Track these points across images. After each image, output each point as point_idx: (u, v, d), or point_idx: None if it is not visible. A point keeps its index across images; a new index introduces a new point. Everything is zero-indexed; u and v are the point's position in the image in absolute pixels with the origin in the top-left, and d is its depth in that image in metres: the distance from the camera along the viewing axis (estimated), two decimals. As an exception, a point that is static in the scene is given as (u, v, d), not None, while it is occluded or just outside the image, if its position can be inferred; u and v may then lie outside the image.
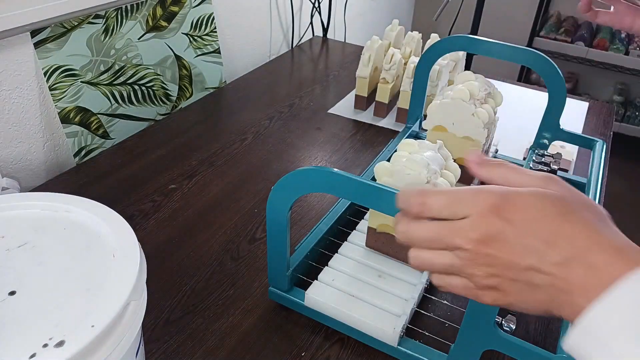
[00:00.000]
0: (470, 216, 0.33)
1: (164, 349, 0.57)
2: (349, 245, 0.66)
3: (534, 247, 0.31)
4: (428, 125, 0.79)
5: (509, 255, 0.32)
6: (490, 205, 0.32)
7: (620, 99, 2.43)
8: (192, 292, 0.64)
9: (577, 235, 0.31)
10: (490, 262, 0.32)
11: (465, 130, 0.76)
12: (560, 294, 0.31)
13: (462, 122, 0.75)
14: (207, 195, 0.81)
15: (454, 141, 0.77)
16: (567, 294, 0.31)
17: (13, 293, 0.37)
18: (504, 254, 0.32)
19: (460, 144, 0.77)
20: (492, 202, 0.32)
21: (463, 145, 0.77)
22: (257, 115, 1.05)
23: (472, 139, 0.76)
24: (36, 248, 0.41)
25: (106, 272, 0.40)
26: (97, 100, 0.92)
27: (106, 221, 0.44)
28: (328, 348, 0.58)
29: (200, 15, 1.09)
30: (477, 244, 0.32)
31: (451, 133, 0.77)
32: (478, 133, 0.75)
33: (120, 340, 0.36)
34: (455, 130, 0.76)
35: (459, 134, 0.76)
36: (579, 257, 0.30)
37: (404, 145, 0.63)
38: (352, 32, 1.81)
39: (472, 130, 0.75)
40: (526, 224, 0.32)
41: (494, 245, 0.32)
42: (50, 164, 0.88)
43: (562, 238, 0.31)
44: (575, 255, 0.30)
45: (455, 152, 0.77)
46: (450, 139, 0.77)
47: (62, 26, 0.83)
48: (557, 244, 0.31)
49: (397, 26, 1.11)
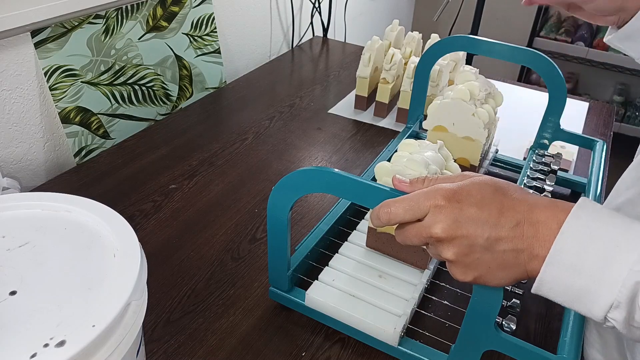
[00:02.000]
0: (429, 212, 0.39)
1: (165, 349, 0.57)
2: (349, 245, 0.66)
3: (487, 221, 0.38)
4: (428, 125, 0.79)
5: (470, 232, 0.38)
6: (442, 197, 0.39)
7: (620, 99, 2.43)
8: (193, 292, 0.64)
9: (516, 205, 0.38)
10: (459, 240, 0.38)
11: (465, 131, 0.76)
12: (522, 254, 0.38)
13: (463, 122, 0.75)
14: (207, 195, 0.81)
15: (454, 141, 0.77)
16: (528, 250, 0.37)
17: (14, 293, 0.37)
18: (467, 231, 0.38)
19: (460, 144, 0.77)
20: (443, 194, 0.39)
21: (464, 145, 0.77)
22: (258, 116, 1.05)
23: (472, 139, 0.76)
24: (37, 248, 0.41)
25: (107, 272, 0.40)
26: (98, 100, 0.92)
27: (107, 221, 0.44)
28: (328, 348, 0.58)
29: (200, 15, 1.09)
30: (443, 232, 0.39)
31: (452, 133, 0.77)
32: (478, 133, 0.75)
33: (121, 340, 0.36)
34: (455, 131, 0.77)
35: (459, 134, 0.76)
36: (525, 219, 0.38)
37: (405, 145, 0.63)
38: (353, 32, 1.81)
39: (473, 130, 0.75)
40: (475, 204, 0.38)
41: (458, 229, 0.38)
42: (51, 164, 0.89)
43: (506, 209, 0.38)
44: (523, 219, 0.38)
45: (456, 152, 0.77)
46: (451, 139, 0.77)
47: (62, 26, 0.83)
48: (505, 214, 0.38)
49: (397, 26, 1.11)
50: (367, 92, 1.06)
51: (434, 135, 0.78)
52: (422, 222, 0.40)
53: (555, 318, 0.62)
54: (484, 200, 0.39)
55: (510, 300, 0.59)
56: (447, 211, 0.39)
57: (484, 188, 0.39)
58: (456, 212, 0.38)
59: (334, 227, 0.69)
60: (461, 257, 0.39)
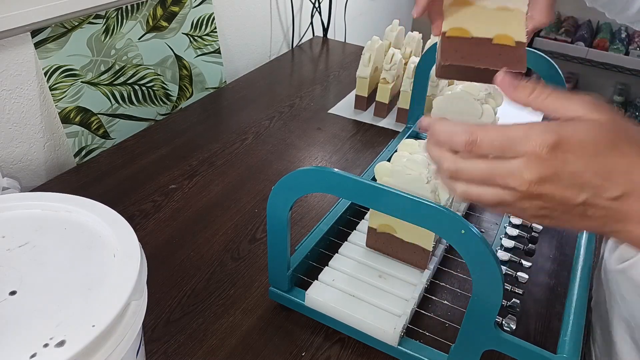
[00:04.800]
0: (524, 156, 0.32)
1: (165, 349, 0.57)
2: (349, 245, 0.66)
3: (591, 183, 0.31)
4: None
5: (563, 192, 0.32)
6: (544, 144, 0.31)
7: (620, 99, 2.43)
8: (193, 292, 0.64)
9: (633, 170, 0.31)
10: (544, 199, 0.32)
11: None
12: (614, 224, 0.32)
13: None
14: (207, 195, 0.81)
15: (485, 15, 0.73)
16: (621, 223, 0.32)
17: (14, 293, 0.37)
18: (559, 192, 0.32)
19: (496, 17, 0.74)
20: (546, 140, 0.31)
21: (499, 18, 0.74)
22: (258, 115, 1.05)
23: (509, 8, 0.73)
24: (37, 248, 0.41)
25: (107, 272, 0.40)
26: (98, 100, 0.92)
27: (107, 221, 0.44)
28: (328, 348, 0.58)
29: (200, 15, 1.09)
30: (532, 185, 0.32)
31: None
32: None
33: (121, 340, 0.36)
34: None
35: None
36: (636, 191, 0.31)
37: (405, 145, 0.63)
38: (352, 32, 1.81)
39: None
40: (582, 161, 0.31)
41: (549, 186, 0.32)
42: (51, 164, 0.89)
43: (618, 173, 0.31)
44: (633, 190, 0.31)
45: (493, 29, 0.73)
46: (481, 13, 0.74)
47: (62, 26, 0.83)
48: (614, 179, 0.31)
49: (397, 26, 1.11)
50: (367, 92, 1.06)
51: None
52: (508, 166, 0.32)
53: (555, 318, 0.62)
54: (597, 154, 0.31)
55: (510, 300, 0.59)
56: (548, 164, 0.31)
57: (600, 140, 0.31)
58: (558, 166, 0.31)
59: (333, 227, 0.68)
60: (541, 214, 0.34)
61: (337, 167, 0.67)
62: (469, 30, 0.48)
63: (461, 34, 0.47)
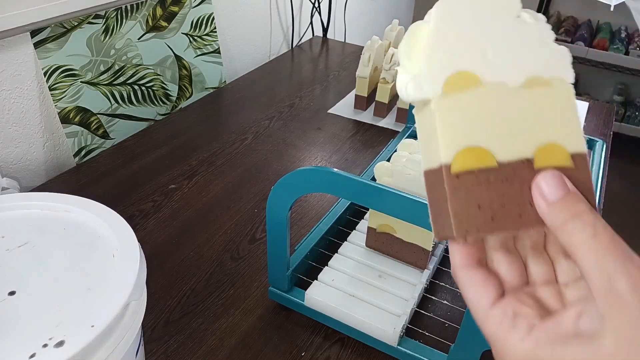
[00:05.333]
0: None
1: (164, 349, 0.57)
2: (349, 245, 0.66)
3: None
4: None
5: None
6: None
7: (620, 99, 2.43)
8: (192, 292, 0.64)
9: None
10: None
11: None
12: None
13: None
14: (207, 195, 0.81)
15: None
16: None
17: (13, 293, 0.37)
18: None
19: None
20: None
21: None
22: (257, 115, 1.05)
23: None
24: (36, 248, 0.41)
25: (106, 272, 0.40)
26: (97, 100, 0.92)
27: (106, 221, 0.44)
28: (328, 348, 0.58)
29: (200, 15, 1.09)
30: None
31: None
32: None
33: (120, 340, 0.36)
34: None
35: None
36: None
37: (404, 145, 0.63)
38: (352, 32, 1.81)
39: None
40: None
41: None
42: (50, 164, 0.88)
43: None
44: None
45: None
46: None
47: (62, 26, 0.83)
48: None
49: (397, 26, 1.11)
50: (367, 92, 1.06)
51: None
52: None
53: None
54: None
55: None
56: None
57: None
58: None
59: (333, 227, 0.68)
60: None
61: (336, 167, 0.67)
62: (492, 151, 0.26)
63: (480, 163, 0.26)
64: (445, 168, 0.26)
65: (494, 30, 0.28)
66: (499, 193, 0.26)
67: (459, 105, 0.27)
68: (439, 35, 0.27)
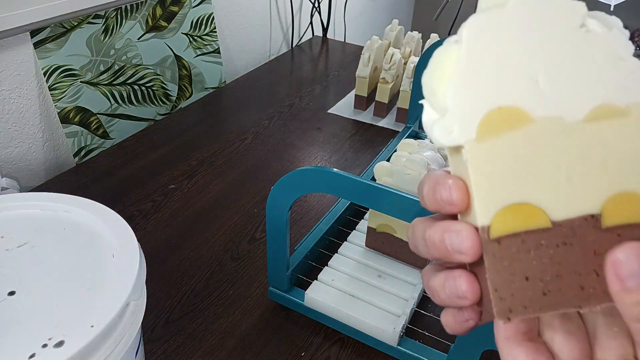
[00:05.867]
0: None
1: (164, 349, 0.57)
2: (348, 245, 0.66)
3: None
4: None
5: None
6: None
7: (620, 99, 2.42)
8: (192, 292, 0.64)
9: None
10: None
11: None
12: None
13: None
14: (207, 195, 0.81)
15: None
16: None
17: (12, 293, 0.37)
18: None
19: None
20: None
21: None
22: (257, 115, 1.05)
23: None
24: (36, 248, 0.41)
25: (106, 272, 0.40)
26: (97, 100, 0.92)
27: (106, 221, 0.44)
28: (328, 348, 0.58)
29: (200, 15, 1.09)
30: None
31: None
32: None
33: (120, 341, 0.36)
34: None
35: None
36: None
37: (404, 145, 0.63)
38: (352, 32, 1.81)
39: None
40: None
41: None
42: (50, 164, 0.88)
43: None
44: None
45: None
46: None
47: (61, 26, 0.83)
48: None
49: (396, 26, 1.11)
50: (367, 92, 1.06)
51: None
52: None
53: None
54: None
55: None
56: None
57: None
58: None
59: (333, 227, 0.68)
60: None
61: (336, 167, 0.67)
62: (544, 207, 0.21)
63: (527, 224, 0.21)
64: (482, 232, 0.21)
65: (547, 47, 0.21)
66: (553, 261, 0.21)
67: (499, 151, 0.21)
68: (472, 60, 0.21)
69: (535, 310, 0.21)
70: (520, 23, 0.21)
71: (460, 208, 0.22)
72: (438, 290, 0.23)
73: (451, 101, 0.21)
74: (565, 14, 0.21)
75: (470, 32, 0.21)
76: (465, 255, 0.21)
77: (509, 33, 0.21)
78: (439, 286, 0.23)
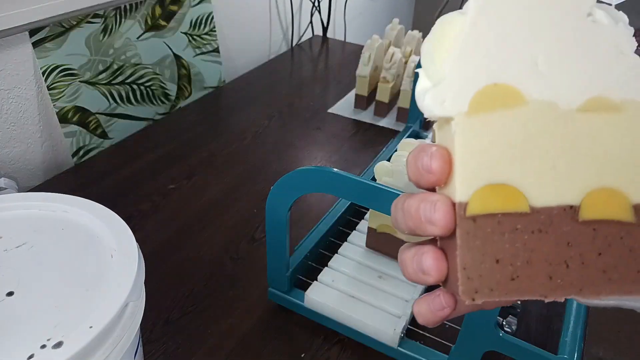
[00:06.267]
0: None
1: (163, 350, 0.56)
2: (349, 246, 0.66)
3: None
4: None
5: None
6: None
7: (620, 99, 2.43)
8: (192, 292, 0.64)
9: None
10: None
11: None
12: None
13: None
14: (206, 195, 0.81)
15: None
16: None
17: (11, 294, 0.37)
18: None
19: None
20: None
21: None
22: (257, 115, 1.05)
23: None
24: (34, 248, 0.41)
25: (104, 272, 0.39)
26: (96, 100, 0.91)
27: (104, 221, 0.44)
28: (328, 349, 0.57)
29: (199, 14, 1.09)
30: None
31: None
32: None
33: (119, 341, 0.36)
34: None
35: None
36: None
37: (405, 144, 0.63)
38: (352, 31, 1.80)
39: None
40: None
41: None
42: (49, 164, 0.88)
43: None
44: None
45: None
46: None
47: (60, 25, 0.83)
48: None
49: (397, 25, 1.11)
50: (367, 92, 1.06)
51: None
52: None
53: (556, 318, 0.62)
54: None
55: (511, 301, 0.59)
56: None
57: None
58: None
59: (333, 227, 0.68)
60: None
61: (336, 167, 0.66)
62: (525, 192, 0.21)
63: (506, 205, 0.21)
64: (459, 207, 0.21)
65: (552, 31, 0.21)
66: (526, 247, 0.21)
67: (488, 127, 0.21)
68: (475, 32, 0.21)
69: (501, 294, 0.21)
70: (529, 2, 0.21)
71: (438, 178, 0.21)
72: (406, 264, 0.24)
73: (448, 71, 0.21)
74: (574, 1, 0.21)
75: (477, 4, 0.21)
76: (436, 227, 0.21)
77: (515, 11, 0.21)
78: (407, 259, 0.24)
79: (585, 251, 0.21)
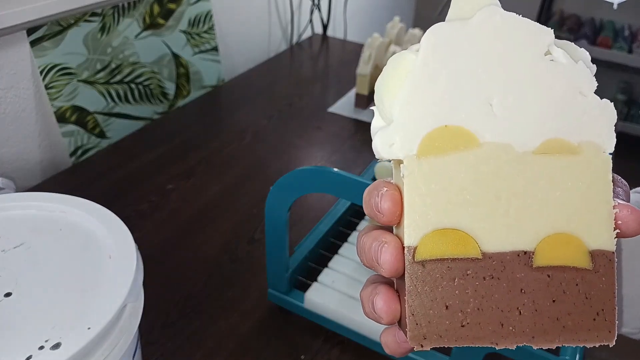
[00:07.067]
0: None
1: (162, 352, 0.56)
2: (349, 246, 0.66)
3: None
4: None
5: None
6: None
7: (623, 98, 2.42)
8: (190, 294, 0.63)
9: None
10: None
11: None
12: None
13: None
14: (205, 195, 0.80)
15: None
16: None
17: (9, 294, 0.37)
18: None
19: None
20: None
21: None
22: (256, 114, 1.04)
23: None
24: (32, 249, 0.41)
25: (102, 273, 0.39)
26: (94, 99, 0.91)
27: (102, 222, 0.43)
28: (328, 351, 0.57)
29: (198, 12, 1.08)
30: None
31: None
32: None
33: (117, 343, 0.36)
34: None
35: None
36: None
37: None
38: (352, 29, 1.80)
39: None
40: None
41: None
42: (46, 164, 0.88)
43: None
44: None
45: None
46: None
47: (58, 24, 0.82)
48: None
49: (398, 23, 1.11)
50: (368, 91, 1.05)
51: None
52: None
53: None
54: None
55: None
56: None
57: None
58: None
59: (333, 227, 0.68)
60: None
61: (336, 167, 0.66)
62: (476, 237, 0.21)
63: (456, 250, 0.21)
64: (408, 252, 0.20)
65: (507, 71, 0.20)
66: (477, 293, 0.20)
67: (438, 170, 0.20)
68: (425, 72, 0.20)
69: (451, 340, 0.21)
70: (483, 40, 0.20)
71: (388, 219, 0.21)
72: (363, 303, 0.24)
73: (397, 112, 0.20)
74: (531, 39, 0.20)
75: (429, 42, 0.20)
76: (384, 269, 0.21)
77: (469, 49, 0.20)
78: (364, 298, 0.23)
79: (539, 298, 0.20)
